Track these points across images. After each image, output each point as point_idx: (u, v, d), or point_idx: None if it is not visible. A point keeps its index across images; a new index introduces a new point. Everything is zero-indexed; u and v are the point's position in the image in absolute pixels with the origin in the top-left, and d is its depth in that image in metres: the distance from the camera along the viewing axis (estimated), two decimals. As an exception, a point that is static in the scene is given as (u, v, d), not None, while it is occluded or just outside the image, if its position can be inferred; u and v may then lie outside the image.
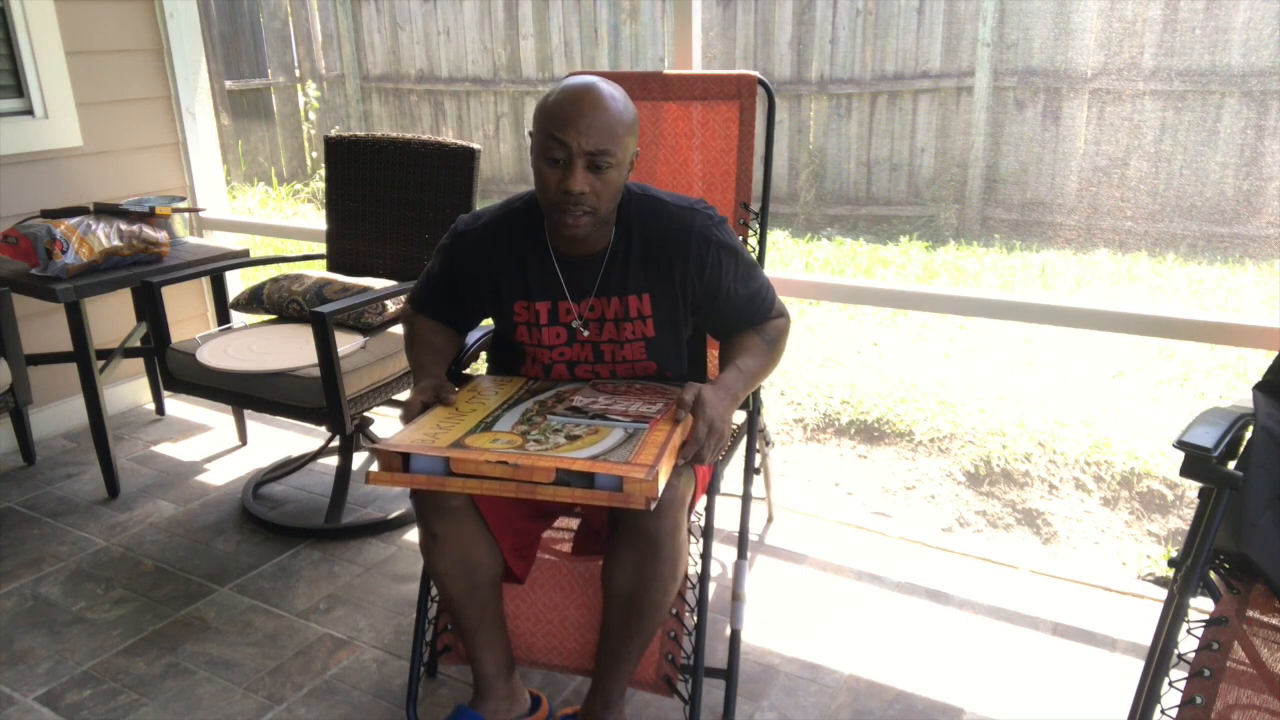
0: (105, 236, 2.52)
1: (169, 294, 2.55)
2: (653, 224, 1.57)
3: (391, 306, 2.48)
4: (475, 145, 2.49)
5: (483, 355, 1.91)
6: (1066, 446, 3.15)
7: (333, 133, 2.80)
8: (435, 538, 1.54)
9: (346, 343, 2.35)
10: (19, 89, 2.87)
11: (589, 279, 1.59)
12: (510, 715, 1.65)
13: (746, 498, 1.94)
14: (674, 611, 1.68)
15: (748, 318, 1.64)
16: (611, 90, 1.48)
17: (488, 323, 1.82)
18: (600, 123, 1.44)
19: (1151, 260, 4.82)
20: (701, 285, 1.58)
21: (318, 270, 2.74)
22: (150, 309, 2.48)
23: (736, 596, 1.83)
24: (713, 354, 2.05)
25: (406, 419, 1.52)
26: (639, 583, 1.50)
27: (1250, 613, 1.39)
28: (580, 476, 1.31)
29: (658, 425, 1.44)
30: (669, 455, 1.38)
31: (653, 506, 1.30)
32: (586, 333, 1.61)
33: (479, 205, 2.52)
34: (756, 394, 1.98)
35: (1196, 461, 1.37)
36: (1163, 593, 2.07)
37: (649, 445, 1.38)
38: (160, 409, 3.23)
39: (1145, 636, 1.96)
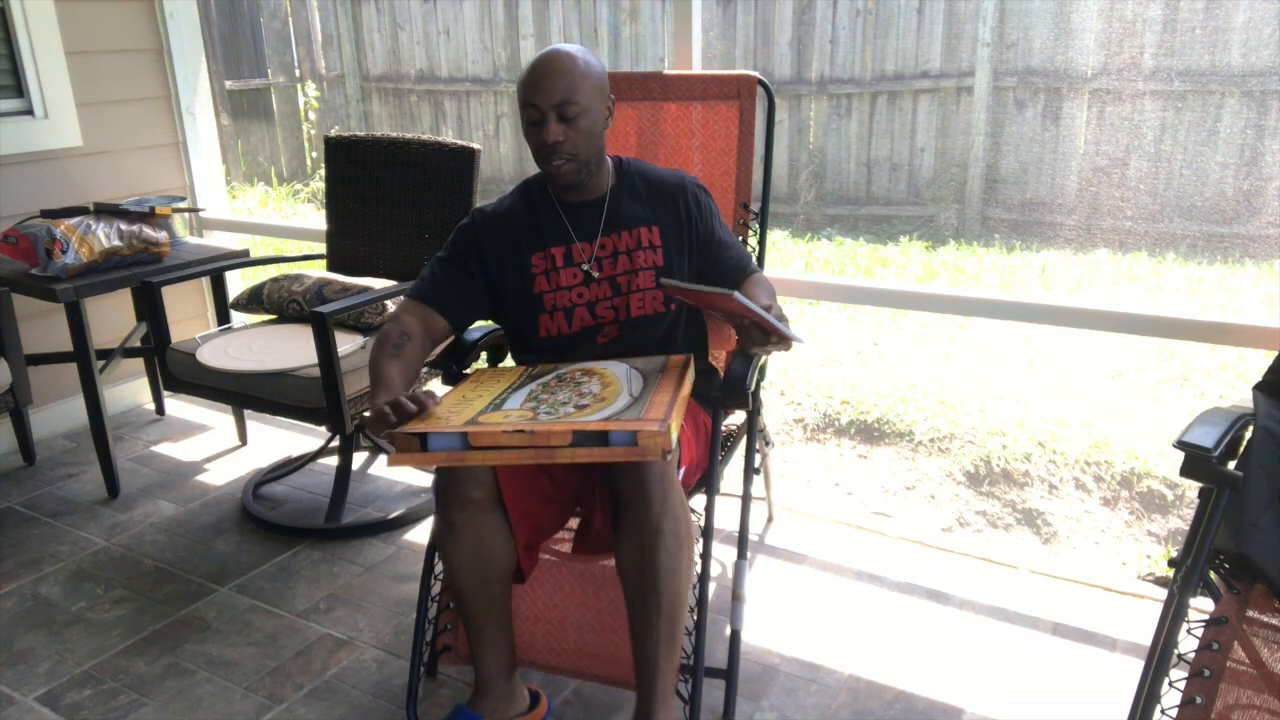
0: (105, 236, 2.52)
1: (169, 294, 2.55)
2: (652, 176, 1.81)
3: (391, 306, 2.48)
4: (475, 145, 2.50)
5: (483, 356, 1.91)
6: (1066, 446, 3.15)
7: (333, 133, 2.80)
8: (453, 527, 1.54)
9: (346, 343, 2.35)
10: (19, 89, 2.87)
11: (594, 219, 1.76)
12: (509, 714, 1.65)
13: (746, 498, 1.94)
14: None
15: (741, 265, 1.83)
16: (571, 50, 1.66)
17: (479, 326, 1.83)
18: (560, 79, 1.63)
19: (1151, 260, 4.83)
20: (701, 224, 1.79)
21: (318, 270, 2.74)
22: (150, 309, 2.48)
23: (736, 596, 1.83)
24: (717, 354, 2.05)
25: (379, 428, 1.46)
26: (646, 556, 1.48)
27: (1250, 613, 1.39)
28: (595, 436, 1.35)
29: (662, 385, 1.51)
30: (678, 409, 1.42)
31: (669, 458, 1.34)
32: (597, 274, 1.74)
33: (479, 205, 2.52)
34: (756, 394, 1.98)
35: (1196, 461, 1.37)
36: (1163, 593, 2.07)
37: (656, 404, 1.42)
38: (160, 409, 3.23)
39: (1145, 636, 1.96)
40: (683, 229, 1.78)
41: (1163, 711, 1.40)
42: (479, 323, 1.84)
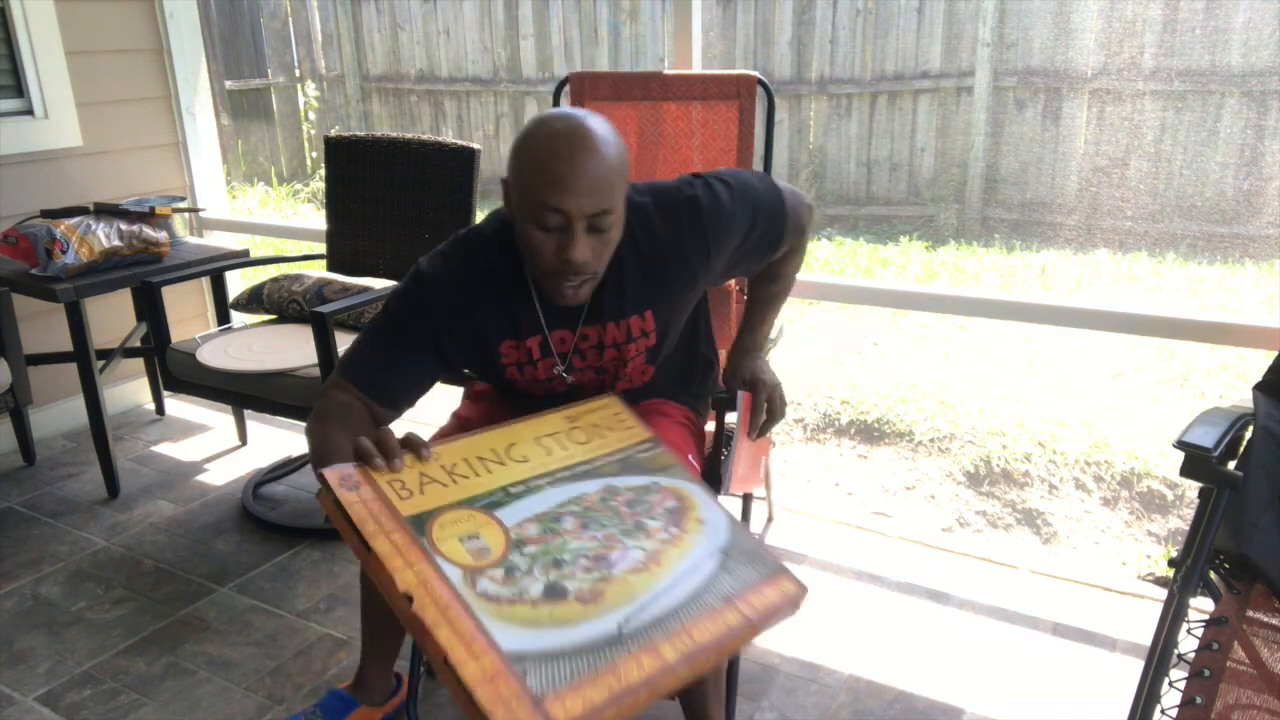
0: (105, 236, 2.52)
1: (169, 294, 2.55)
2: (647, 243, 1.42)
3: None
4: (475, 145, 2.49)
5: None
6: (1066, 446, 3.15)
7: (333, 133, 2.80)
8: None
9: (346, 343, 2.35)
10: (19, 89, 2.87)
11: (578, 307, 1.44)
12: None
13: (747, 498, 1.94)
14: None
15: (770, 243, 1.54)
16: (599, 128, 1.27)
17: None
18: (599, 178, 1.24)
19: (1151, 260, 4.83)
20: (718, 265, 1.48)
21: (318, 270, 2.74)
22: (150, 309, 2.48)
23: (736, 596, 1.83)
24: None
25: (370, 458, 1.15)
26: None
27: (1250, 613, 1.39)
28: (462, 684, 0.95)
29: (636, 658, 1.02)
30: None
31: None
32: (570, 379, 1.49)
33: (479, 205, 2.52)
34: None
35: (1196, 461, 1.37)
36: (1163, 593, 2.06)
37: (599, 683, 0.98)
38: (160, 409, 3.23)
39: (1145, 636, 1.95)
40: (685, 297, 1.49)
41: (1163, 711, 1.40)
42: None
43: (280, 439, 3.01)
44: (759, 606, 1.13)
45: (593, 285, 1.36)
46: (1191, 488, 2.84)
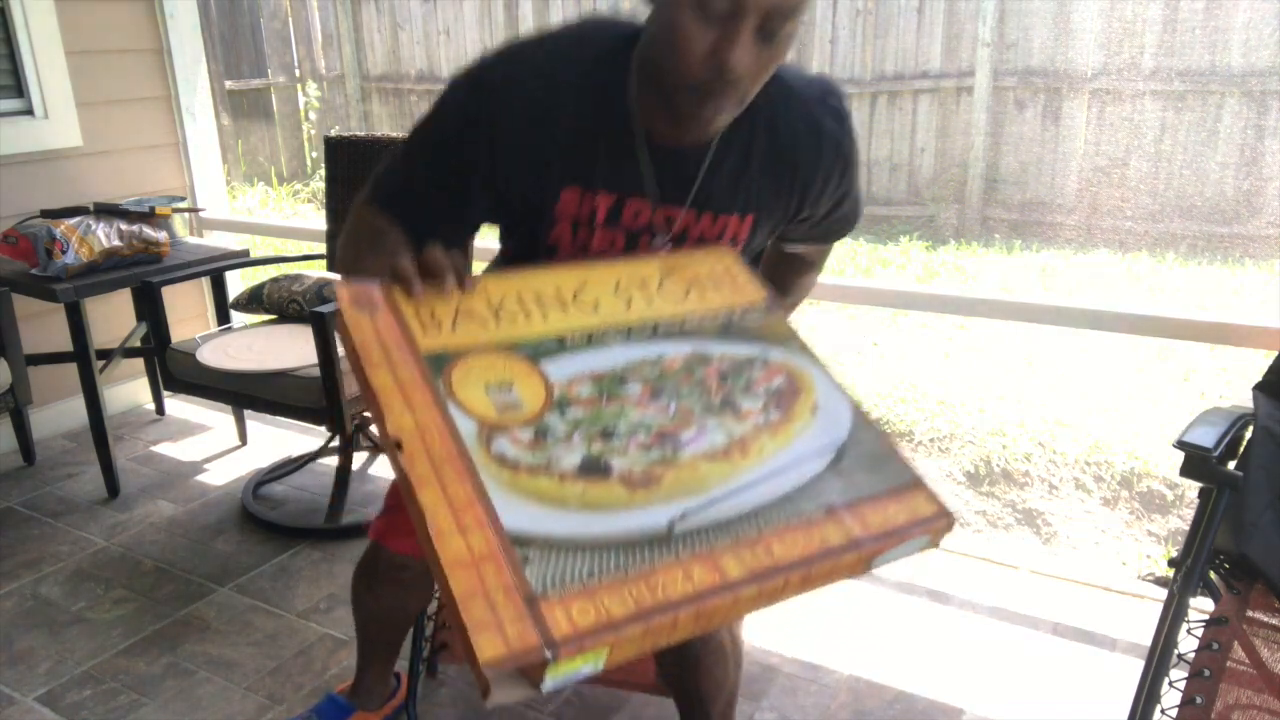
0: (105, 236, 2.52)
1: (169, 294, 2.55)
2: (784, 122, 1.12)
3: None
4: (475, 145, 2.49)
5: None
6: (1066, 446, 3.15)
7: (333, 133, 2.80)
8: (402, 574, 1.48)
9: (346, 343, 2.35)
10: (19, 89, 2.87)
11: (682, 179, 1.11)
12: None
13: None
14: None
15: (845, 225, 1.31)
16: None
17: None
18: None
19: (1151, 260, 4.83)
20: (818, 202, 1.21)
21: (318, 270, 2.74)
22: (150, 309, 2.48)
23: (736, 596, 1.83)
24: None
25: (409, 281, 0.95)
26: (692, 669, 1.41)
27: (1250, 613, 1.39)
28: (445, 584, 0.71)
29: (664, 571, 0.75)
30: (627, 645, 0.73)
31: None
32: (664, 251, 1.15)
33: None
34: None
35: (1196, 461, 1.37)
36: (1163, 593, 2.06)
37: (625, 590, 0.73)
38: (160, 409, 3.23)
39: (1145, 636, 1.95)
40: (789, 213, 1.20)
41: (1163, 711, 1.40)
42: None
43: (280, 439, 3.01)
44: (873, 525, 0.83)
45: (728, 119, 1.05)
46: (1191, 488, 2.83)
